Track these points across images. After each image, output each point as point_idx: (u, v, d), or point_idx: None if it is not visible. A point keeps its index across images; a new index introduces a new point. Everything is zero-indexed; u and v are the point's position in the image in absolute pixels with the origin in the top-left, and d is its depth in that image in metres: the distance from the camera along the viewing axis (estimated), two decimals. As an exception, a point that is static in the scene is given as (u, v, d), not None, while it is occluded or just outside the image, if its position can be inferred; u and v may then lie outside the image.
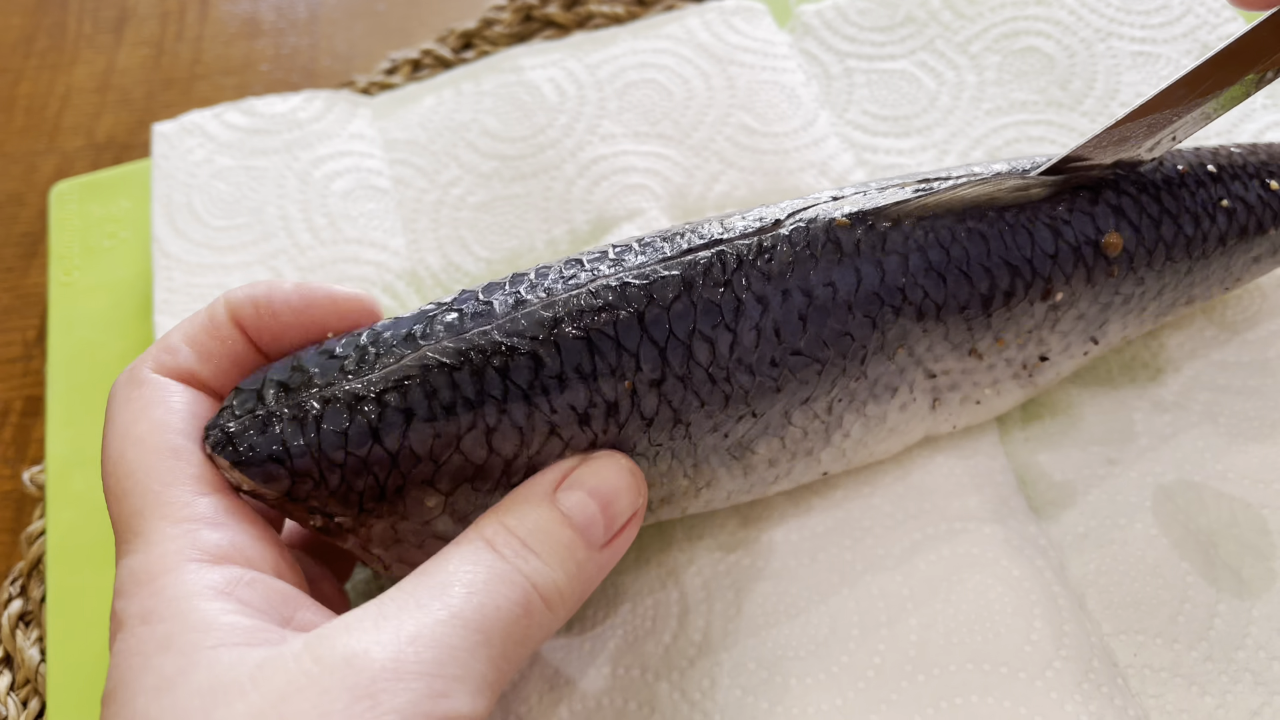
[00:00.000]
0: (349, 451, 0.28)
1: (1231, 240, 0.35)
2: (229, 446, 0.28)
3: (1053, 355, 0.35)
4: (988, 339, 0.33)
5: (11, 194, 0.56)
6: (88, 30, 0.63)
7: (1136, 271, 0.34)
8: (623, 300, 0.30)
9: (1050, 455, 0.38)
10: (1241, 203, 0.35)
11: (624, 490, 0.29)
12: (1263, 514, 0.36)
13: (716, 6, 0.52)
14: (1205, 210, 0.35)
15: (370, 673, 0.23)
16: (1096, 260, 0.33)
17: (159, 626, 0.24)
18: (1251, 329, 0.40)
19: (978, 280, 0.32)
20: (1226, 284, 0.37)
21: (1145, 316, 0.36)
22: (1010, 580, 0.34)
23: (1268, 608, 0.34)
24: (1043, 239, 0.33)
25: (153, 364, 0.30)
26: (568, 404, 0.29)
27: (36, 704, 0.39)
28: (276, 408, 0.29)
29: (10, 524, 0.45)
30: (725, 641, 0.34)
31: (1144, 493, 0.37)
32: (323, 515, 0.29)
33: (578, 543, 0.27)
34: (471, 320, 0.30)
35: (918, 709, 0.32)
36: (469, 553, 0.26)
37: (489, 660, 0.25)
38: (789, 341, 0.31)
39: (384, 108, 0.52)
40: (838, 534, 0.36)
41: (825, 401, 0.32)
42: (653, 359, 0.30)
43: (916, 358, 0.33)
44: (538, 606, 0.26)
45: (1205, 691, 0.33)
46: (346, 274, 0.46)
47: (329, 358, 0.29)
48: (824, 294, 0.31)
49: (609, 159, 0.48)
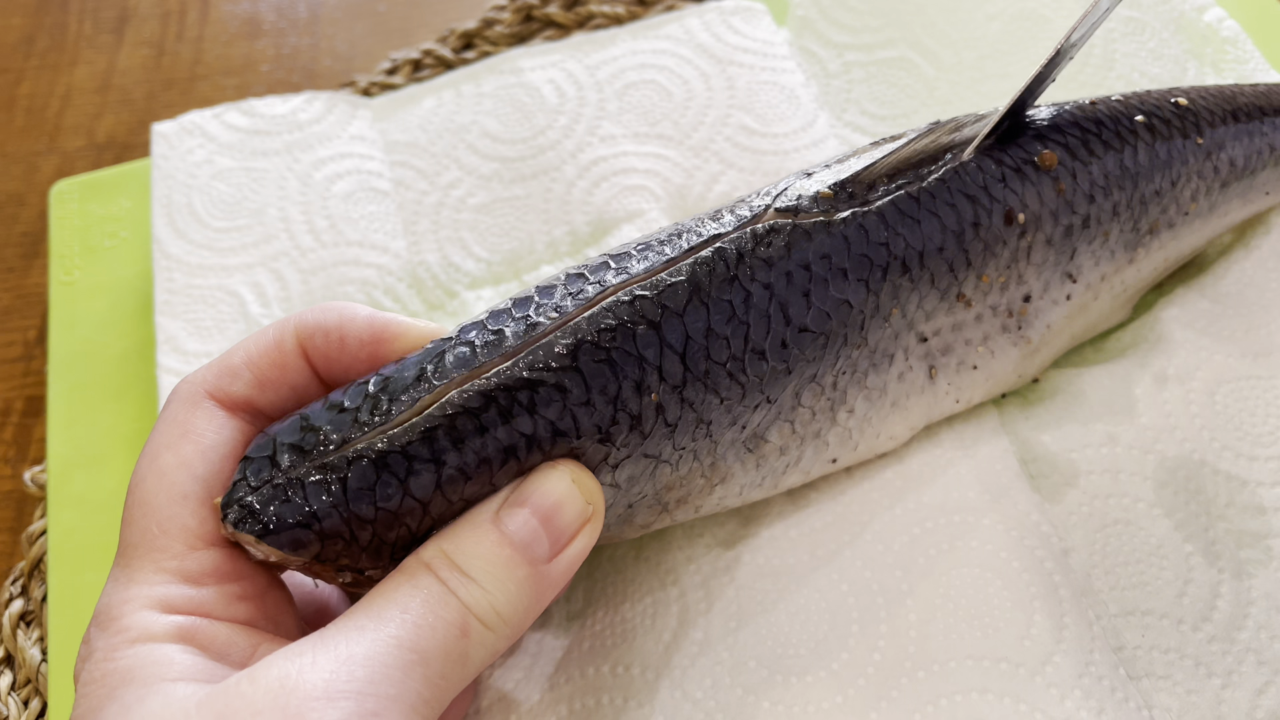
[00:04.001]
0: (379, 507, 0.27)
1: (1159, 150, 0.38)
2: (250, 521, 0.27)
3: (1034, 296, 0.37)
4: (970, 279, 0.35)
5: (12, 194, 0.56)
6: (88, 30, 0.63)
7: (1081, 185, 0.36)
8: (637, 314, 0.30)
9: (1053, 434, 0.38)
10: (1155, 117, 0.38)
11: (566, 501, 0.28)
12: (1259, 492, 0.36)
13: (716, 7, 0.52)
14: (1124, 125, 0.38)
15: (301, 693, 0.24)
16: (1041, 178, 0.36)
17: (120, 663, 0.26)
18: (1247, 303, 0.40)
19: (945, 217, 0.34)
20: (1185, 209, 0.39)
21: (1113, 246, 0.38)
22: (1010, 573, 0.34)
23: (1267, 586, 0.35)
24: (988, 169, 0.35)
25: (211, 386, 0.30)
26: (594, 425, 0.29)
27: (38, 704, 0.40)
28: (294, 473, 0.27)
29: (11, 524, 0.45)
30: (725, 640, 0.34)
31: (1146, 470, 0.37)
32: (353, 572, 0.29)
33: (517, 561, 0.28)
34: (484, 351, 0.29)
35: (917, 706, 0.32)
36: (407, 578, 0.27)
37: (425, 679, 0.25)
38: (796, 319, 0.32)
39: (384, 109, 0.52)
40: (836, 529, 0.36)
41: (831, 376, 0.33)
42: (674, 366, 0.30)
43: (909, 319, 0.34)
44: (475, 628, 0.27)
45: (1212, 672, 0.33)
46: (348, 276, 0.46)
47: (339, 412, 0.28)
48: (820, 266, 0.32)
49: (609, 160, 0.48)
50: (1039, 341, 0.38)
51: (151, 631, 0.26)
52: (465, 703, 0.34)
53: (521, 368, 0.28)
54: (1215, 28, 0.48)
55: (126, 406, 0.45)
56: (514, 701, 0.35)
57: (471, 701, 0.35)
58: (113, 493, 0.42)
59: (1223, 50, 0.47)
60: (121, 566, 0.28)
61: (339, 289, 0.46)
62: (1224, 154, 0.39)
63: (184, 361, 0.44)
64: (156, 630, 0.26)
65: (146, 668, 0.26)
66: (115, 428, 0.44)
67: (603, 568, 0.37)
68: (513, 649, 0.36)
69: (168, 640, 0.26)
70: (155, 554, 0.28)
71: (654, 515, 0.33)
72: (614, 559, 0.37)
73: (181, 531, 0.28)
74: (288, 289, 0.46)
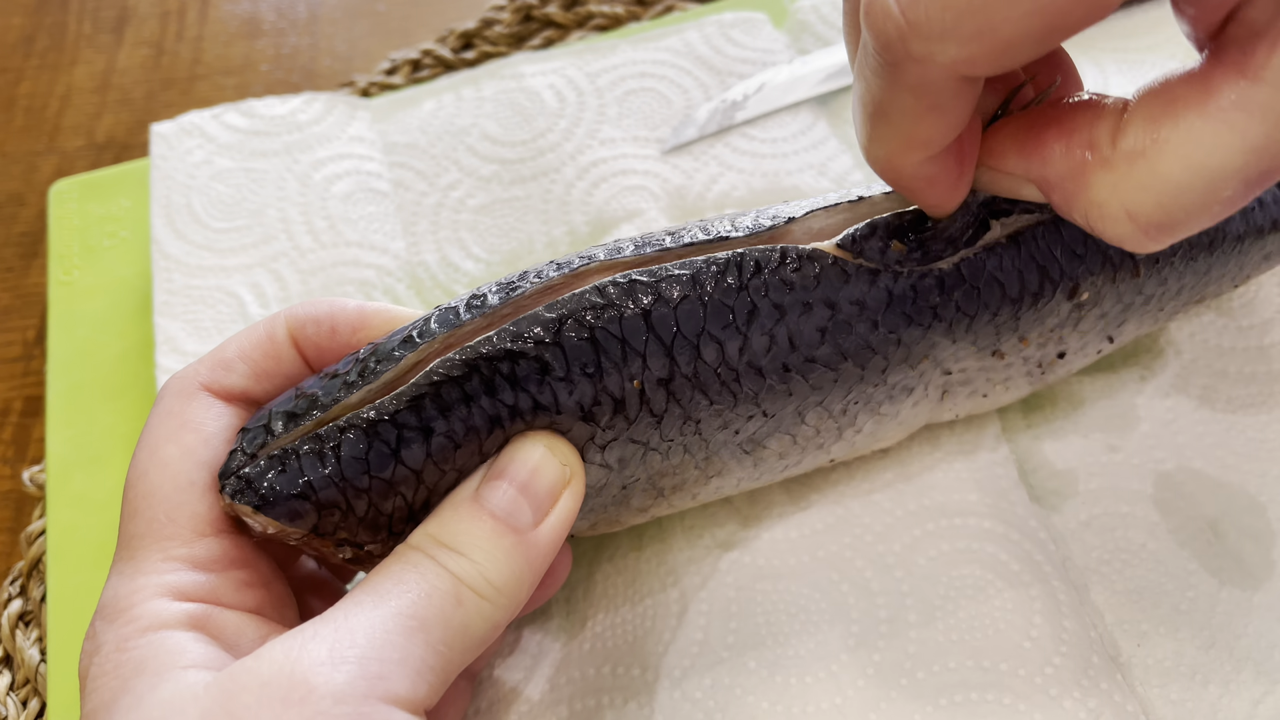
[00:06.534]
0: (373, 475, 0.28)
1: (1249, 237, 0.36)
2: (247, 491, 0.27)
3: (1070, 353, 0.35)
4: (1012, 340, 0.33)
5: (11, 194, 0.56)
6: (88, 30, 0.63)
7: (1161, 272, 0.34)
8: (627, 297, 0.29)
9: (1053, 444, 0.38)
10: (1257, 201, 0.36)
11: (542, 467, 0.29)
12: (1260, 501, 0.36)
13: (716, 20, 0.53)
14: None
15: (305, 663, 0.24)
16: (1123, 260, 0.33)
17: (134, 653, 0.26)
18: (1249, 314, 0.40)
19: (1009, 285, 0.32)
20: (1237, 281, 0.38)
21: (1161, 315, 0.37)
22: (1010, 576, 0.34)
23: (1268, 596, 0.34)
24: (1071, 237, 0.32)
25: (206, 378, 0.30)
26: (576, 403, 0.29)
27: (36, 704, 0.39)
28: (288, 442, 0.28)
29: (10, 524, 0.45)
30: (725, 640, 0.34)
31: (1145, 480, 0.37)
32: (351, 546, 0.29)
33: (501, 530, 0.28)
34: (467, 312, 0.29)
35: (917, 707, 0.32)
36: (398, 560, 0.27)
37: (427, 644, 0.26)
38: (804, 350, 0.30)
39: (383, 111, 0.52)
40: (837, 531, 0.36)
41: (841, 404, 0.32)
42: (660, 359, 0.29)
43: (938, 363, 0.33)
44: (469, 597, 0.27)
45: (1209, 681, 0.33)
46: (347, 276, 0.46)
47: (331, 379, 0.29)
48: (849, 311, 0.30)
49: (608, 162, 0.48)
50: (1054, 380, 0.37)
51: (163, 619, 0.26)
52: (464, 702, 0.34)
53: (504, 339, 0.28)
54: None
55: (126, 406, 0.45)
56: (514, 701, 0.35)
57: (470, 702, 0.35)
58: (112, 492, 0.42)
59: None
60: (125, 559, 0.28)
61: (338, 289, 0.46)
62: None
63: (183, 362, 0.44)
64: (168, 618, 0.26)
65: (160, 656, 0.25)
66: (114, 427, 0.44)
67: (603, 568, 0.37)
68: (513, 649, 0.36)
69: (180, 628, 0.26)
70: (164, 542, 0.28)
71: (650, 499, 0.33)
72: (614, 559, 0.37)
73: (191, 518, 0.28)
74: (287, 289, 0.46)
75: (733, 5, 0.54)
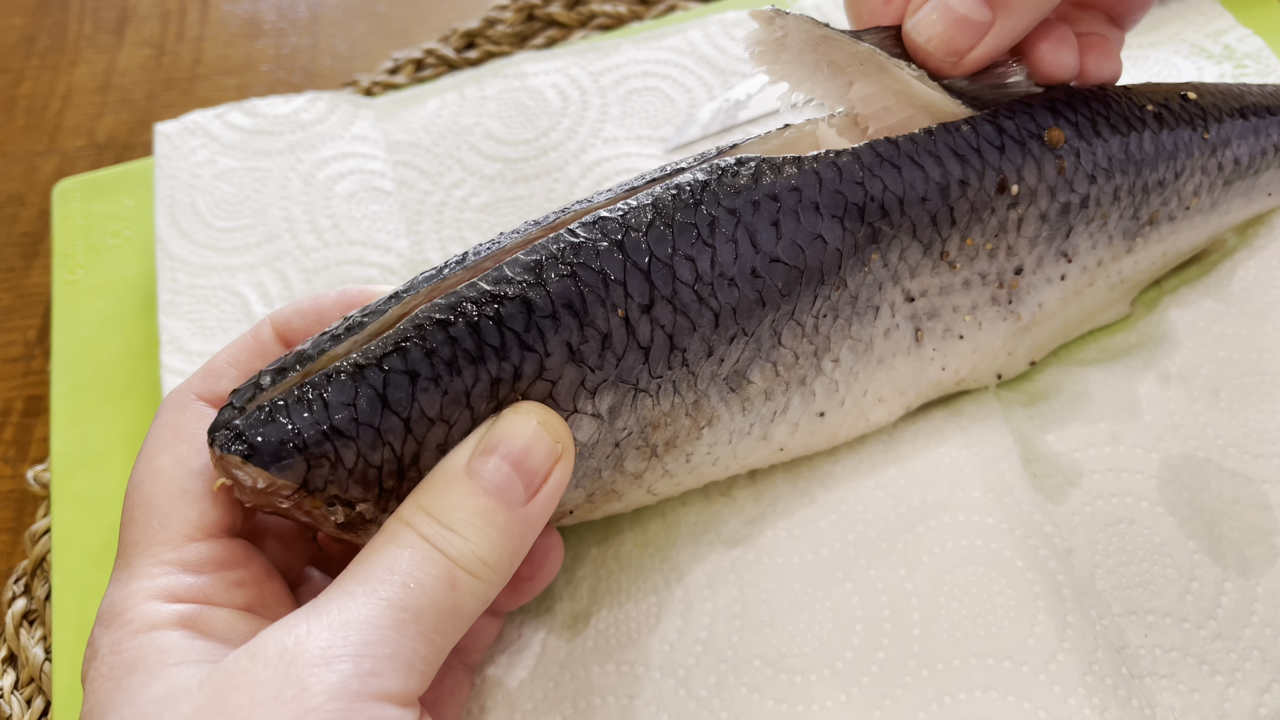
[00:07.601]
0: (360, 422, 0.28)
1: (1165, 140, 0.38)
2: (237, 442, 0.28)
3: (1026, 270, 0.37)
4: (954, 238, 0.35)
5: (12, 194, 0.56)
6: (88, 30, 0.63)
7: (1084, 165, 0.36)
8: (599, 232, 0.31)
9: (1056, 434, 0.38)
10: (1165, 109, 0.38)
11: (535, 442, 0.29)
12: (1263, 489, 0.36)
13: (718, 19, 0.53)
14: (1133, 112, 0.38)
15: (300, 662, 0.24)
16: (1044, 155, 0.36)
17: (126, 655, 0.26)
18: (1251, 302, 0.40)
19: (929, 169, 0.34)
20: (1186, 204, 0.39)
21: (1112, 231, 0.38)
22: (1013, 572, 0.34)
23: (1272, 584, 0.35)
24: (986, 133, 0.35)
25: (199, 388, 0.31)
26: (562, 341, 0.30)
27: (41, 703, 0.39)
28: (276, 394, 0.28)
29: (12, 523, 0.45)
30: (730, 638, 0.34)
31: (1149, 469, 0.37)
32: (343, 505, 0.29)
33: (494, 508, 0.28)
34: (449, 268, 0.30)
35: (921, 704, 0.32)
36: (390, 539, 0.28)
37: (419, 635, 0.26)
38: (765, 248, 0.32)
39: (387, 110, 0.52)
40: (840, 528, 0.36)
41: (810, 317, 0.34)
42: (640, 284, 0.30)
43: (892, 270, 0.35)
44: (463, 579, 0.27)
45: (1215, 670, 0.33)
46: (350, 275, 0.46)
47: (320, 335, 0.30)
48: (790, 198, 0.33)
49: (611, 160, 0.48)
50: (1029, 320, 0.38)
51: (154, 620, 0.27)
52: (464, 692, 0.34)
53: (486, 283, 0.29)
54: (1234, 47, 0.49)
55: (129, 405, 0.45)
56: (518, 699, 0.35)
57: (471, 694, 0.35)
58: (115, 491, 0.42)
59: (1243, 65, 0.48)
60: (122, 567, 0.29)
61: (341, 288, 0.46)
62: (1229, 150, 0.39)
63: (187, 361, 0.44)
64: (159, 619, 0.27)
65: (150, 656, 0.26)
66: (117, 427, 0.44)
67: (607, 565, 0.37)
68: (517, 647, 0.36)
69: (170, 628, 0.27)
70: (156, 548, 0.28)
71: (644, 460, 0.33)
72: (619, 556, 0.37)
73: (181, 524, 0.29)
74: (291, 288, 0.46)
75: (735, 4, 0.55)
